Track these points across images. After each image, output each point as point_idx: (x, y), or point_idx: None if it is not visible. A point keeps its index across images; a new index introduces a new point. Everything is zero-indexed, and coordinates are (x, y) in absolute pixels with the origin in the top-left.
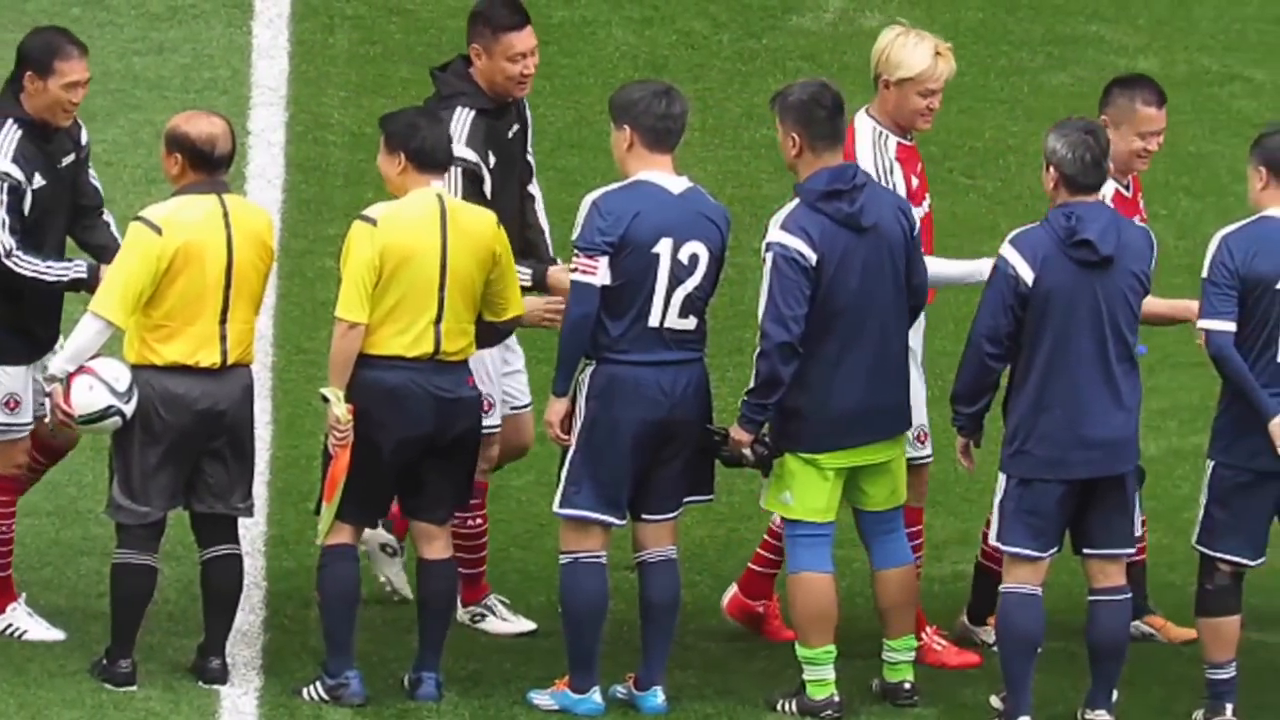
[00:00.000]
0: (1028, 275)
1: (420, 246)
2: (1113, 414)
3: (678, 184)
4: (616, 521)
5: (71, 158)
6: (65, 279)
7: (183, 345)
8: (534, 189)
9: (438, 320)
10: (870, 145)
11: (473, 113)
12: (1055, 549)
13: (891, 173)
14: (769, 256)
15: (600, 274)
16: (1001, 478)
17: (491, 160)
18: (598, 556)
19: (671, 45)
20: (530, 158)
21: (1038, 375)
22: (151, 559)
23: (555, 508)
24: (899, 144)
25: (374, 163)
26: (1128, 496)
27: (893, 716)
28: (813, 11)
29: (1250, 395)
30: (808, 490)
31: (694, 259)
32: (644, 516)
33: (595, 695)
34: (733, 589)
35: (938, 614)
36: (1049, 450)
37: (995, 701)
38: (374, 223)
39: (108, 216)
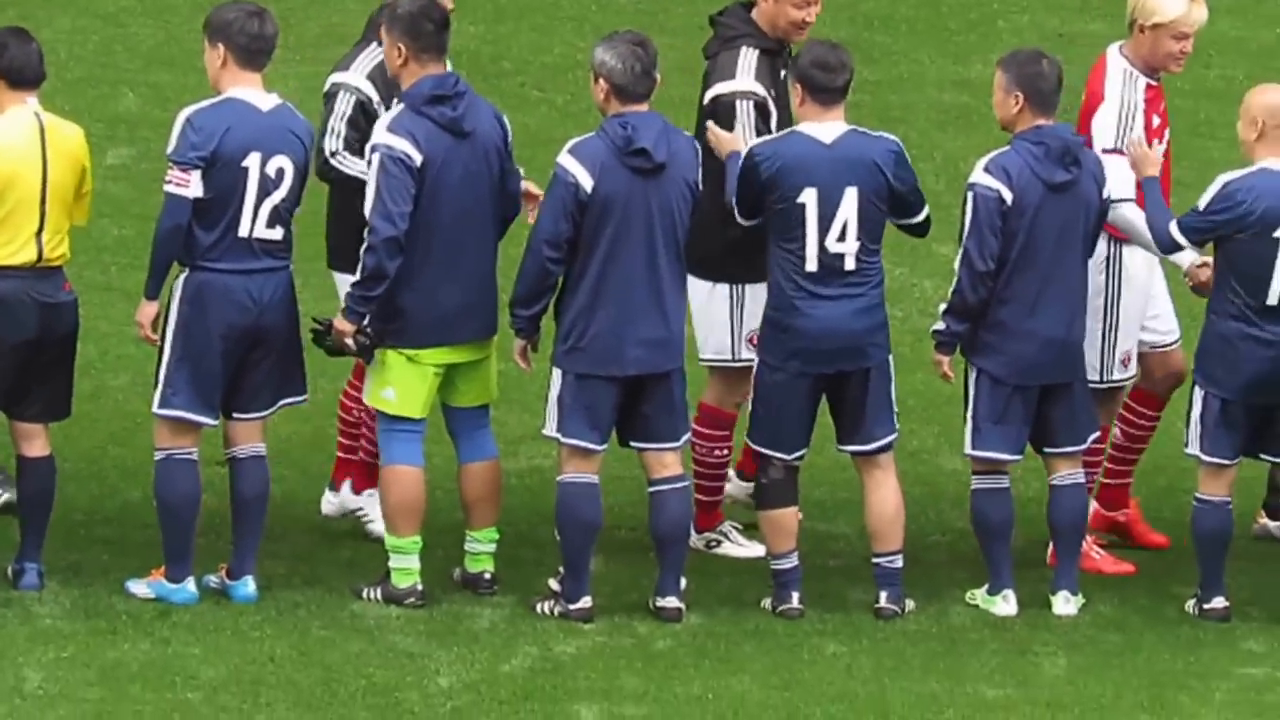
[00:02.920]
0: (587, 183)
1: (25, 165)
2: (662, 314)
3: (267, 101)
4: (210, 422)
5: None
6: None
7: None
8: None
9: (39, 231)
10: (1120, 83)
11: (757, 51)
12: (607, 442)
13: (1136, 111)
14: (375, 158)
15: (192, 186)
16: (556, 373)
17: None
18: (190, 453)
19: None
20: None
21: (593, 277)
22: None
23: (154, 408)
24: (1147, 84)
25: None
26: (674, 392)
27: (474, 604)
28: None
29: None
30: (409, 387)
31: (280, 172)
32: (235, 415)
33: (189, 584)
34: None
35: (516, 509)
36: (602, 347)
37: (553, 584)
38: None
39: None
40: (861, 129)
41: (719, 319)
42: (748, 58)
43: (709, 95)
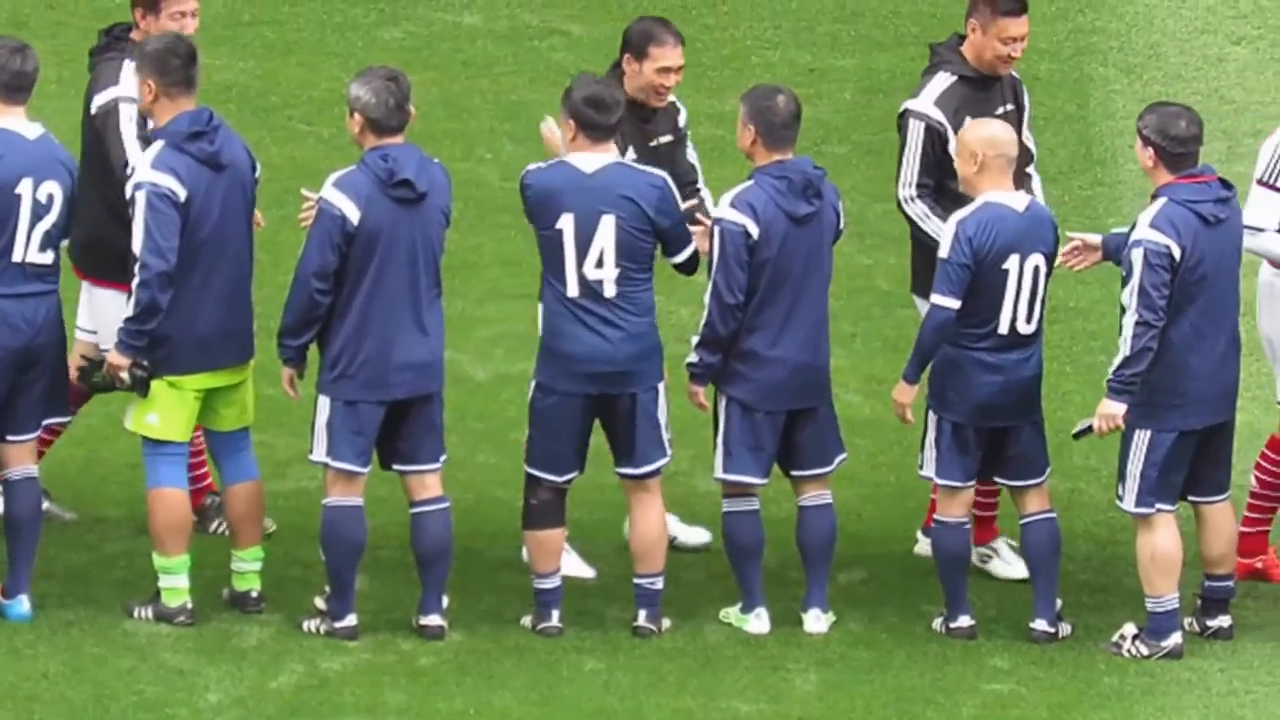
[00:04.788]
0: (354, 215)
1: None
2: (425, 338)
3: (32, 130)
4: None
5: (669, 138)
6: None
7: None
8: (1031, 170)
9: None
10: None
11: (953, 78)
12: (370, 465)
13: None
14: (141, 195)
15: None
16: (324, 400)
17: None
18: None
19: (33, 5)
20: (1028, 139)
21: (359, 306)
22: None
23: None
24: None
25: None
26: (435, 415)
27: (242, 622)
28: None
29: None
30: (171, 412)
31: (50, 198)
32: (8, 438)
33: None
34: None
35: (283, 529)
36: (370, 374)
37: (319, 603)
38: None
39: (704, 191)
40: (627, 163)
41: None
42: (940, 83)
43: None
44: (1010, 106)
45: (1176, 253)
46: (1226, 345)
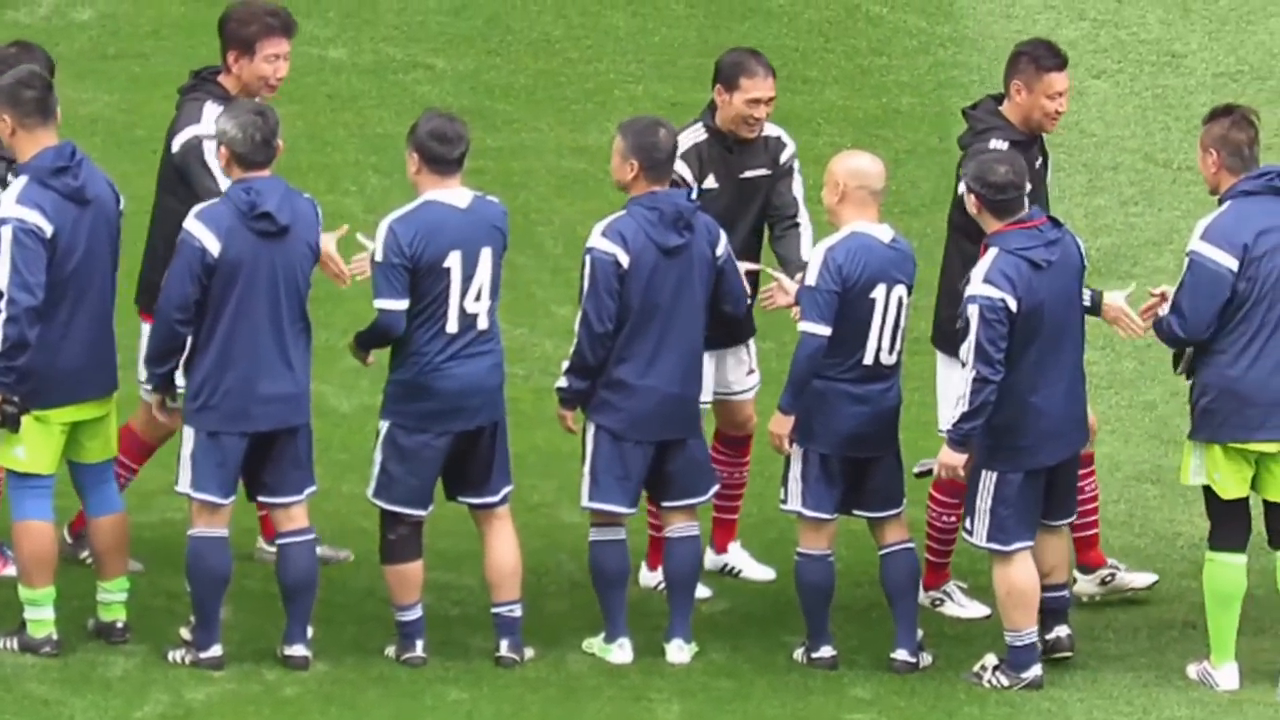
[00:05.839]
0: (214, 247)
1: None
2: (290, 370)
3: None
4: None
5: (763, 172)
6: None
7: None
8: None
9: None
10: None
11: (1005, 144)
12: (235, 496)
13: None
14: (7, 231)
15: None
16: (189, 431)
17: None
18: None
19: None
20: (1048, 185)
21: (221, 337)
22: None
23: None
24: None
25: None
26: (300, 447)
27: (108, 652)
28: (26, 6)
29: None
30: (38, 445)
31: None
32: None
33: None
34: None
35: (148, 560)
36: (232, 405)
37: (185, 633)
38: None
39: (804, 228)
40: (480, 194)
41: (956, 392)
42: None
43: (960, 187)
44: (1041, 159)
45: (1012, 304)
46: (1070, 382)
